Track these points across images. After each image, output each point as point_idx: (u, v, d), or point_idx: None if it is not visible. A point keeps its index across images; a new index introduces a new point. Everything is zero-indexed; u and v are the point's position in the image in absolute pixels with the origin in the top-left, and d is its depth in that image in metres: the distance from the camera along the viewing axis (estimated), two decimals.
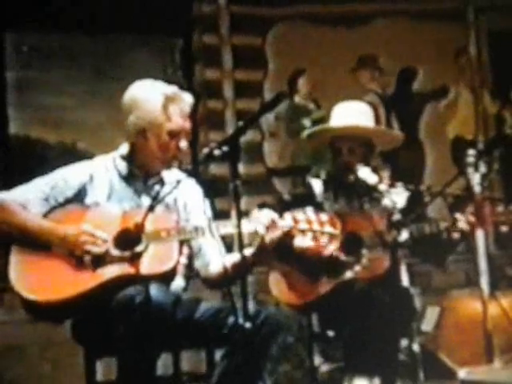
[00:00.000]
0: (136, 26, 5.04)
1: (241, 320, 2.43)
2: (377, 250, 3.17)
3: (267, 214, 2.71)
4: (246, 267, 2.66)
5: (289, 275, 3.28)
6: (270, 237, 2.69)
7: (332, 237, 2.67)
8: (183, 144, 2.83)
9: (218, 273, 2.86)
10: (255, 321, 2.53)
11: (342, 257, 3.24)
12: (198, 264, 2.94)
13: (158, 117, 2.79)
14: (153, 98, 2.80)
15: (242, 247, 2.49)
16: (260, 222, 2.69)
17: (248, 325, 2.40)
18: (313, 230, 2.67)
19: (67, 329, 2.78)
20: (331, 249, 3.02)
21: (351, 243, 3.24)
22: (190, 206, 2.91)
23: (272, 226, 2.69)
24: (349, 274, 3.22)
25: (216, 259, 2.86)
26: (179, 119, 2.80)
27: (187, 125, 2.83)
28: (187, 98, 2.85)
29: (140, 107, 2.80)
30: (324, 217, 2.68)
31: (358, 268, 3.20)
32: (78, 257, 2.66)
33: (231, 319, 2.59)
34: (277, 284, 3.32)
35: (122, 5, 4.96)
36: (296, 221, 2.68)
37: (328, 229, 2.67)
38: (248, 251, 2.75)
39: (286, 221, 2.68)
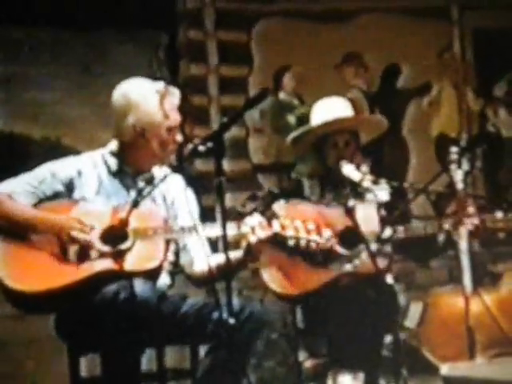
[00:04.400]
0: (121, 21, 5.02)
1: (225, 316, 2.44)
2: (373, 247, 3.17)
3: (256, 219, 2.74)
4: (231, 268, 2.67)
5: (285, 268, 3.28)
6: (257, 238, 2.71)
7: (318, 245, 2.73)
8: (179, 137, 2.84)
9: (202, 272, 2.87)
10: (239, 317, 2.54)
11: (341, 250, 3.25)
12: (183, 261, 2.94)
13: (157, 116, 2.79)
14: (149, 97, 2.80)
15: (226, 248, 2.50)
16: (248, 225, 2.72)
17: (232, 321, 2.41)
18: (299, 237, 2.71)
19: (51, 325, 2.78)
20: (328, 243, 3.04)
21: (349, 237, 3.25)
22: (177, 203, 2.92)
23: (259, 229, 2.71)
24: (347, 268, 3.23)
25: (201, 258, 2.87)
26: (174, 114, 2.82)
27: (180, 118, 2.86)
28: (175, 91, 2.86)
29: (138, 108, 2.79)
30: (311, 225, 2.72)
31: (357, 262, 3.21)
32: (63, 249, 2.66)
33: (215, 315, 2.60)
34: (272, 278, 3.31)
35: (107, 0, 4.95)
36: (283, 227, 2.71)
37: (314, 237, 2.72)
38: (235, 253, 2.76)
39: (274, 227, 2.71)
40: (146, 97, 2.80)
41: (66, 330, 2.73)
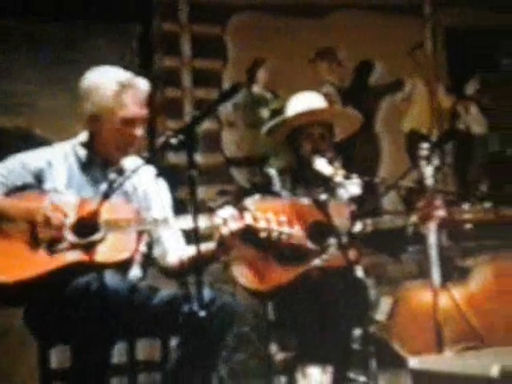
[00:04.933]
0: (95, 12, 4.99)
1: (195, 308, 2.45)
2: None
3: (228, 211, 2.75)
4: (204, 260, 2.68)
5: (255, 263, 3.29)
6: (229, 230, 2.73)
7: (290, 237, 2.75)
8: (139, 132, 2.82)
9: (175, 264, 2.87)
10: (210, 309, 2.54)
11: (309, 245, 3.27)
12: (156, 253, 2.95)
13: (111, 104, 2.78)
14: (106, 84, 2.79)
15: (197, 240, 2.51)
16: (220, 217, 2.73)
17: (203, 313, 2.41)
18: (271, 229, 2.73)
19: (20, 317, 2.76)
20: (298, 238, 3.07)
21: (317, 231, 3.27)
22: (150, 195, 2.92)
23: (231, 221, 2.73)
24: (317, 262, 3.25)
25: (174, 250, 2.87)
26: (133, 107, 2.80)
27: (143, 112, 2.83)
28: (142, 85, 2.84)
29: (93, 94, 2.80)
30: (283, 218, 2.74)
31: (325, 256, 3.24)
32: (34, 239, 2.65)
33: (186, 307, 2.60)
34: (242, 273, 3.32)
35: None
36: (255, 219, 2.73)
37: (286, 229, 2.74)
38: (208, 245, 2.77)
39: (246, 219, 2.73)
40: (102, 83, 2.80)
41: (36, 321, 2.72)
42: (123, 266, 2.70)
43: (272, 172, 3.59)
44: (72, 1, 4.91)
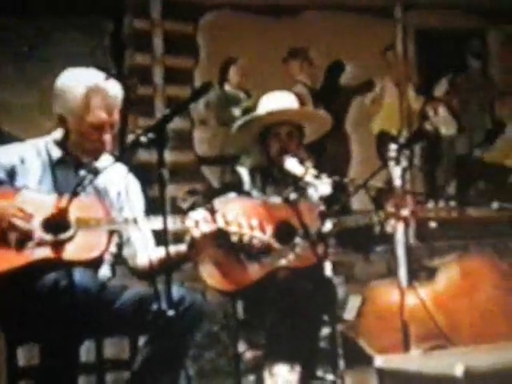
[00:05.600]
0: (66, 7, 4.96)
1: (164, 307, 2.45)
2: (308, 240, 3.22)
3: (200, 213, 2.76)
4: (174, 262, 2.69)
5: (222, 263, 3.30)
6: (200, 232, 2.73)
7: (261, 241, 2.77)
8: (107, 137, 2.80)
9: (145, 265, 2.87)
10: (179, 308, 2.55)
11: (275, 244, 3.29)
12: (126, 253, 2.94)
13: (78, 108, 2.77)
14: (74, 88, 2.78)
15: (166, 241, 2.51)
16: (192, 219, 2.74)
17: (171, 312, 2.41)
18: (242, 233, 2.75)
19: None
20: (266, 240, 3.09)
21: (284, 231, 3.29)
22: (122, 194, 2.91)
23: (203, 223, 2.74)
24: (283, 262, 3.27)
25: (144, 251, 2.87)
26: (101, 112, 2.77)
27: (112, 118, 2.81)
28: (113, 91, 2.81)
29: (62, 96, 2.80)
30: (254, 221, 2.76)
31: (291, 256, 3.25)
32: (3, 235, 2.63)
33: (154, 306, 2.60)
34: (210, 273, 3.33)
35: None
36: (227, 223, 2.74)
37: (257, 233, 2.77)
38: (179, 247, 2.78)
39: (218, 222, 2.74)
40: (71, 87, 2.79)
41: (3, 318, 2.70)
42: (93, 265, 2.70)
43: (242, 171, 3.59)
44: None
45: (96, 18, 5.22)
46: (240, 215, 2.79)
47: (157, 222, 2.69)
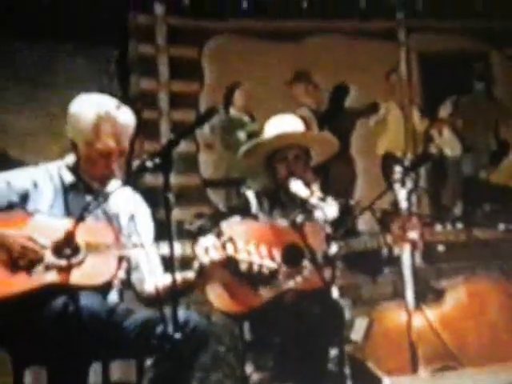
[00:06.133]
0: (72, 34, 5.00)
1: (170, 330, 2.45)
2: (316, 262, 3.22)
3: (210, 240, 2.76)
4: (182, 290, 2.69)
5: (230, 286, 3.30)
6: (210, 259, 2.74)
7: (270, 269, 2.77)
8: (114, 165, 2.82)
9: (151, 292, 2.87)
10: (184, 330, 2.54)
11: (283, 268, 3.29)
12: (134, 278, 2.95)
13: (87, 135, 2.80)
14: (85, 115, 2.81)
15: (173, 266, 2.51)
16: (201, 246, 2.74)
17: (178, 335, 2.41)
18: (251, 261, 2.75)
19: None
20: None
21: (291, 254, 3.29)
22: (133, 220, 2.91)
23: (213, 250, 2.74)
24: (290, 285, 3.27)
25: (151, 277, 2.87)
26: (109, 140, 2.80)
27: (122, 146, 2.83)
28: (124, 119, 2.84)
29: (73, 122, 2.83)
30: (263, 250, 2.76)
31: (299, 279, 3.25)
32: (13, 259, 2.65)
33: (160, 329, 2.58)
34: (218, 296, 3.33)
35: (58, 13, 4.93)
36: (236, 251, 2.75)
37: (267, 262, 2.77)
38: (187, 274, 2.78)
39: (227, 250, 2.74)
40: (81, 114, 2.82)
41: (11, 341, 2.70)
42: (102, 290, 2.70)
43: (249, 194, 3.60)
44: (50, 23, 4.92)
45: (102, 44, 5.27)
46: (249, 242, 2.79)
47: (165, 248, 2.69)
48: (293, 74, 5.62)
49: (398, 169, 3.19)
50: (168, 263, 2.72)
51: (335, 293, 3.25)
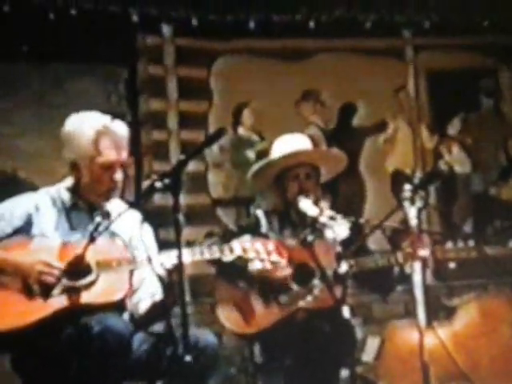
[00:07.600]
0: (81, 54, 5.03)
1: (180, 352, 2.43)
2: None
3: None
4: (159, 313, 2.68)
5: (240, 305, 3.29)
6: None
7: (279, 265, 2.79)
8: (118, 176, 2.84)
9: (143, 312, 2.86)
10: (194, 351, 2.53)
11: (294, 286, 3.28)
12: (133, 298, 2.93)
13: (89, 151, 2.82)
14: (82, 132, 2.83)
15: (181, 281, 2.50)
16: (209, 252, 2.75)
17: (188, 358, 2.40)
18: (260, 258, 2.77)
19: (6, 360, 2.74)
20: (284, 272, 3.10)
21: (302, 273, 3.28)
22: (134, 240, 2.92)
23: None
24: (301, 304, 3.26)
25: (147, 298, 2.86)
26: (111, 152, 2.82)
27: (122, 157, 2.85)
28: (120, 130, 2.86)
29: (71, 142, 2.85)
30: (271, 246, 2.77)
31: (310, 298, 3.25)
32: (28, 286, 2.65)
33: (169, 350, 2.58)
34: (228, 316, 3.32)
35: (67, 34, 4.96)
36: (244, 250, 2.76)
37: (275, 257, 2.79)
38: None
39: (236, 250, 2.76)
40: (79, 131, 2.84)
41: (27, 366, 2.69)
42: (118, 307, 2.70)
43: (259, 213, 3.60)
44: (58, 43, 4.95)
45: (111, 65, 5.29)
46: (257, 243, 2.82)
47: (170, 259, 2.68)
48: (301, 93, 5.63)
49: (407, 187, 3.17)
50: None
51: (346, 312, 3.23)
